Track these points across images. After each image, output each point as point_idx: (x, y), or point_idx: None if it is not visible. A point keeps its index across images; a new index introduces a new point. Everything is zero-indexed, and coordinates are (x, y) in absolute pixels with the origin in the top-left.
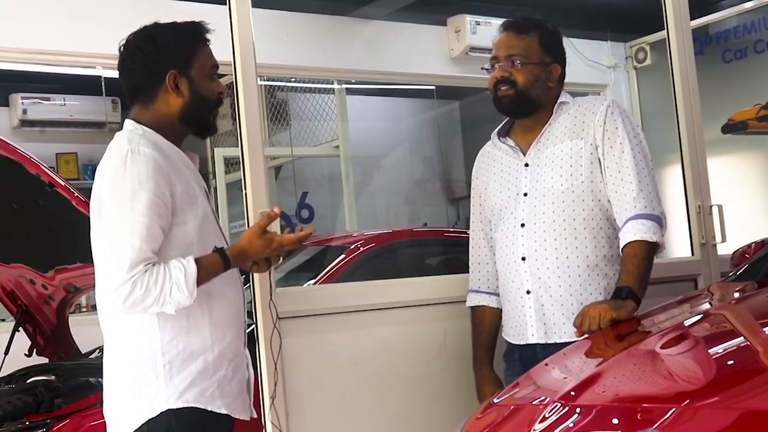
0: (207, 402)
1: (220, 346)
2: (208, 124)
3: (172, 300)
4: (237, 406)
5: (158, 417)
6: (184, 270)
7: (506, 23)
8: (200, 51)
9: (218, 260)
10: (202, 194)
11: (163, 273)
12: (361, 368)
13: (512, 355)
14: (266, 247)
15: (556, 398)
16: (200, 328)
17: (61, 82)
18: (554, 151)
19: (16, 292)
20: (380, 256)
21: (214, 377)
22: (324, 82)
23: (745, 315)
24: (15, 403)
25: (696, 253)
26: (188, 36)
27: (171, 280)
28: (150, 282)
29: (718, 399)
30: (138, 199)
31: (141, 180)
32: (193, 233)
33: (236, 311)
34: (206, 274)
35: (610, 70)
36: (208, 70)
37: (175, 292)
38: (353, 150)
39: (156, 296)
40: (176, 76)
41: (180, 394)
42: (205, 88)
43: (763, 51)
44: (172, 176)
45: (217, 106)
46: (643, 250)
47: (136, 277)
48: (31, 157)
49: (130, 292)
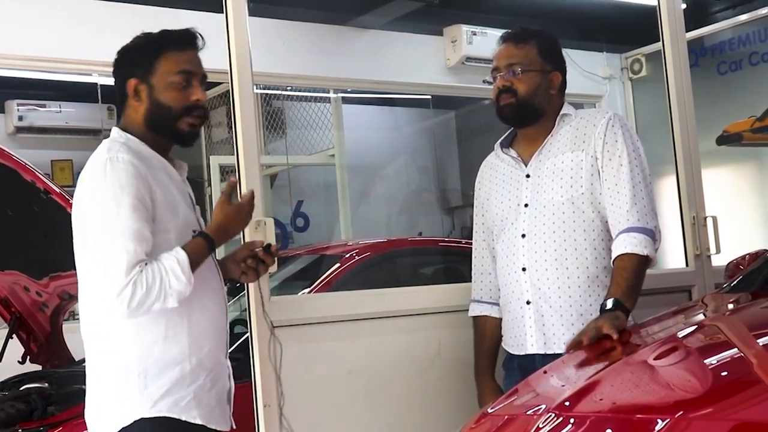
0: (181, 412)
1: (198, 356)
2: (176, 132)
3: (172, 291)
4: (215, 416)
5: (132, 425)
6: (176, 259)
7: (505, 35)
8: (165, 57)
9: (202, 241)
10: (185, 203)
11: (158, 267)
12: (356, 377)
13: (511, 364)
14: (238, 213)
15: (551, 408)
16: (178, 337)
17: (57, 89)
18: (555, 163)
19: (10, 299)
20: (375, 265)
21: (191, 387)
22: (320, 90)
23: (739, 326)
24: (8, 410)
25: (690, 264)
26: (153, 43)
27: (168, 272)
28: (149, 279)
29: (712, 410)
30: (122, 205)
31: (122, 185)
32: (173, 242)
33: (216, 322)
34: (196, 258)
35: (605, 81)
36: (171, 77)
37: (174, 282)
38: (349, 159)
39: (158, 291)
40: (137, 84)
41: (154, 403)
42: (166, 95)
43: (758, 63)
44: (152, 183)
45: (189, 113)
46: (632, 262)
47: (135, 279)
48: (27, 163)
49: (133, 294)
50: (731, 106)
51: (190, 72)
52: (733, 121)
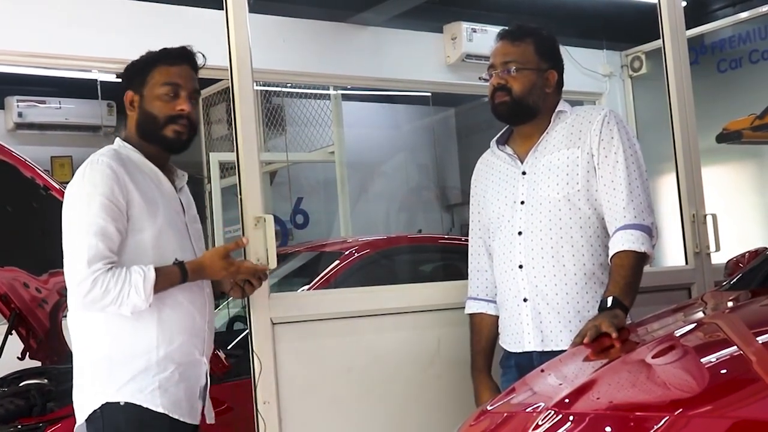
0: (145, 399)
1: (166, 348)
2: (164, 140)
3: (129, 302)
4: (181, 408)
5: (99, 409)
6: (143, 275)
7: (502, 32)
8: (156, 71)
9: (176, 271)
10: (171, 210)
11: (124, 276)
12: (355, 374)
13: (509, 362)
14: (224, 269)
15: (550, 406)
16: (147, 328)
17: (57, 85)
18: (551, 160)
19: (10, 296)
20: (375, 262)
21: (156, 377)
22: (320, 87)
23: (739, 324)
24: (7, 406)
25: (690, 262)
26: (150, 58)
27: (130, 284)
28: (110, 283)
29: (711, 408)
30: (93, 202)
31: (95, 185)
32: (148, 242)
33: (191, 320)
34: (163, 283)
35: (605, 78)
36: (158, 89)
37: (132, 295)
38: (349, 156)
39: (114, 297)
40: (132, 95)
41: (118, 388)
42: (153, 105)
43: (758, 61)
44: (130, 186)
45: (173, 122)
46: (630, 259)
47: (97, 275)
48: (26, 160)
49: (90, 289)
50: (731, 103)
51: (177, 84)
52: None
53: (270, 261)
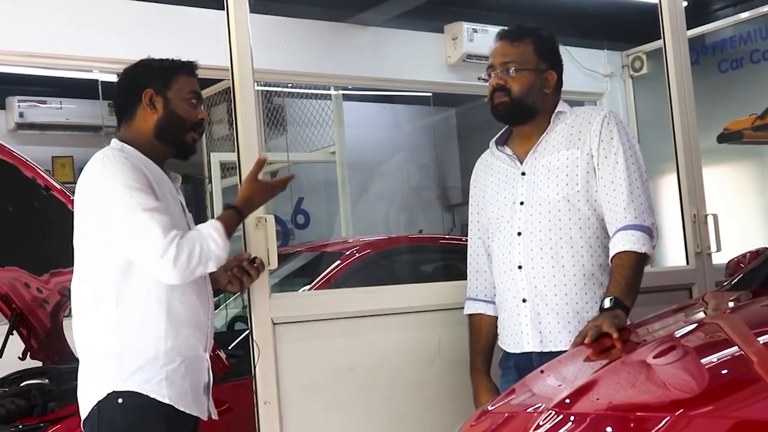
0: (152, 390)
1: (174, 340)
2: (183, 144)
3: (212, 255)
4: (187, 401)
5: (105, 398)
6: (213, 226)
7: (501, 32)
8: (180, 78)
9: (232, 212)
10: (176, 207)
11: (197, 234)
12: (356, 374)
13: (508, 363)
14: (265, 189)
15: (551, 406)
16: (156, 321)
17: (57, 85)
18: (551, 160)
19: (11, 296)
20: (376, 262)
21: (164, 368)
22: (321, 87)
23: (740, 324)
24: (8, 406)
25: (691, 262)
26: (170, 64)
27: (206, 238)
28: (190, 244)
29: (711, 408)
30: (131, 188)
31: (125, 174)
32: None
33: (197, 314)
34: (229, 226)
35: (606, 78)
36: (186, 94)
37: (213, 247)
38: (349, 156)
39: (199, 255)
40: (153, 94)
41: (125, 378)
42: (181, 108)
43: (759, 61)
44: (150, 178)
45: (195, 129)
46: (631, 260)
47: (177, 242)
48: (27, 160)
49: (177, 255)
50: (732, 104)
51: (199, 94)
52: (733, 119)
53: (271, 261)
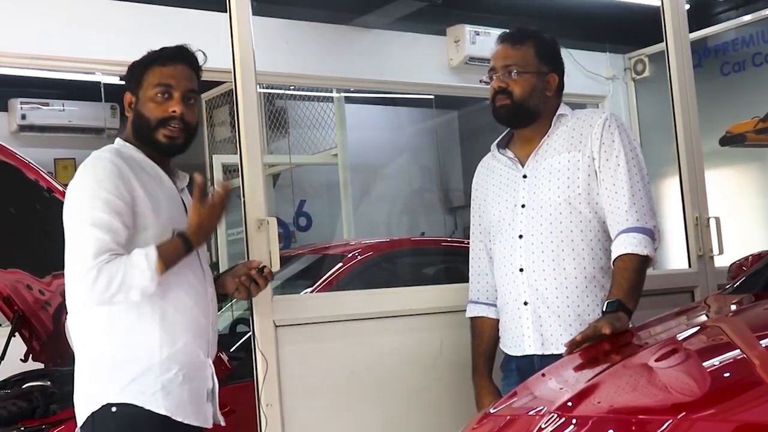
0: (146, 401)
1: (170, 349)
2: (156, 144)
3: (136, 285)
4: (185, 411)
5: (99, 410)
6: (145, 254)
7: (502, 35)
8: (151, 72)
9: (178, 241)
10: (175, 209)
11: (125, 260)
12: (358, 377)
13: (509, 366)
14: (210, 211)
15: (553, 409)
16: (150, 329)
17: (60, 87)
18: (552, 163)
19: (13, 297)
20: (378, 265)
21: (159, 378)
22: (323, 90)
23: (742, 327)
24: (10, 408)
25: (693, 265)
26: (145, 58)
27: (133, 266)
28: (112, 270)
29: (714, 411)
30: (96, 198)
31: (99, 180)
32: (152, 241)
33: (195, 320)
34: (169, 256)
35: (608, 81)
36: (151, 90)
37: (137, 277)
38: (352, 158)
39: (120, 282)
40: (130, 97)
41: (120, 389)
42: (146, 107)
43: (762, 64)
44: (134, 181)
45: (164, 125)
46: (633, 263)
47: (101, 266)
48: (30, 162)
49: (95, 280)
50: (734, 106)
51: (168, 85)
52: (736, 122)
53: (273, 264)
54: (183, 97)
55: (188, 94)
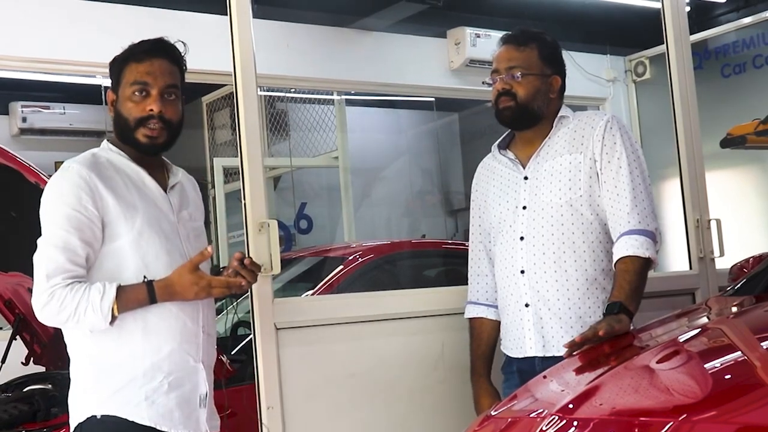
0: (130, 412)
1: (153, 357)
2: (137, 144)
3: (86, 320)
4: (172, 420)
5: (86, 421)
6: (102, 293)
7: (506, 36)
8: (127, 69)
9: (143, 290)
10: (151, 210)
11: (82, 292)
12: (359, 379)
13: (510, 368)
14: (194, 284)
15: (554, 411)
16: (131, 338)
17: (61, 90)
18: (553, 165)
19: (14, 301)
20: (379, 267)
21: (143, 388)
22: (324, 93)
23: (743, 329)
24: (11, 411)
25: (694, 267)
26: (122, 55)
27: (88, 300)
28: (67, 299)
29: (715, 413)
30: (57, 213)
31: (62, 194)
32: (127, 247)
33: (181, 325)
34: (128, 302)
35: (609, 83)
36: (128, 89)
37: (89, 313)
38: (352, 161)
39: (70, 313)
40: (112, 95)
41: (103, 401)
42: (124, 106)
43: (762, 66)
44: (103, 191)
45: (143, 125)
46: (635, 265)
47: (55, 290)
48: (31, 165)
49: (46, 303)
50: (735, 108)
51: (145, 83)
52: (736, 124)
53: (274, 266)
54: (161, 93)
55: (167, 90)
